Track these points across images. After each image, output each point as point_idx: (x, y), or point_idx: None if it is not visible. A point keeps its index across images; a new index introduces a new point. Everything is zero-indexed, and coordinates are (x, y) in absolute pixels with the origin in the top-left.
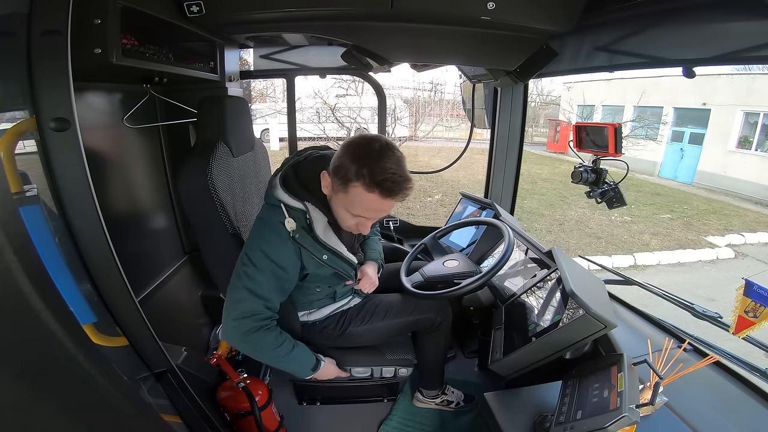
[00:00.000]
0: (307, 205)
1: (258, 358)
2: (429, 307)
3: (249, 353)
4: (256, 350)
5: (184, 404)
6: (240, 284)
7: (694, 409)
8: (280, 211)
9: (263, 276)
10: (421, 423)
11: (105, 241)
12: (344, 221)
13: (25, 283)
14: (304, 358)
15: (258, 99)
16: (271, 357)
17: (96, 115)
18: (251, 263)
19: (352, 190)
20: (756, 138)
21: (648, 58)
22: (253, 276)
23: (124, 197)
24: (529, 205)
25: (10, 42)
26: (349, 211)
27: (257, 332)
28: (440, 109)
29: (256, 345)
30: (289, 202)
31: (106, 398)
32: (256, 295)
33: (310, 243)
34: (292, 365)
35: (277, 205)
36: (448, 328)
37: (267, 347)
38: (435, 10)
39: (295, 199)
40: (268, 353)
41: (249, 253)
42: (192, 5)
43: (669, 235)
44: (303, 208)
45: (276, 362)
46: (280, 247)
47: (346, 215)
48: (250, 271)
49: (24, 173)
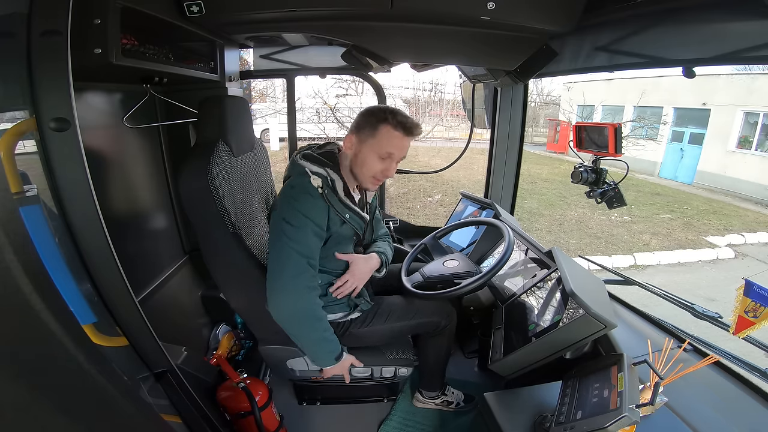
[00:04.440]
0: (328, 171)
1: (297, 329)
2: (433, 310)
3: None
4: (303, 320)
5: (184, 404)
6: (282, 245)
7: (694, 409)
8: (306, 175)
9: (303, 234)
10: (421, 423)
11: (105, 241)
12: (372, 168)
13: (25, 283)
14: (334, 342)
15: (258, 99)
16: (315, 329)
17: (96, 115)
18: (289, 224)
19: (382, 130)
20: (756, 138)
21: (648, 58)
22: (294, 236)
23: (124, 197)
24: (529, 205)
25: (10, 42)
26: (378, 153)
27: (311, 295)
28: (440, 109)
29: (306, 314)
30: (313, 168)
31: (106, 398)
32: (301, 254)
33: (336, 202)
34: (324, 345)
35: (303, 172)
36: (452, 331)
37: (313, 318)
38: (435, 10)
39: (317, 166)
40: (310, 326)
41: (285, 216)
42: (192, 5)
43: (669, 235)
44: (324, 174)
45: (316, 336)
46: (313, 205)
47: (374, 161)
48: (290, 232)
49: (24, 173)
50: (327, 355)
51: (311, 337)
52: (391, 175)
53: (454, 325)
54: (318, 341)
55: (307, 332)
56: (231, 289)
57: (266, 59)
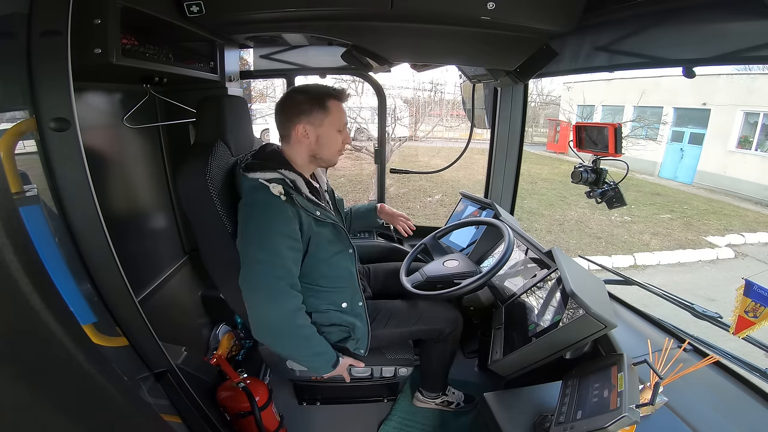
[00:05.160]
0: (284, 173)
1: (292, 349)
2: (437, 318)
3: (284, 345)
4: (292, 338)
5: (184, 404)
6: (255, 273)
7: (694, 409)
8: (260, 186)
9: (275, 254)
10: (421, 423)
11: (105, 241)
12: (336, 143)
13: (25, 283)
14: (327, 353)
15: (258, 99)
16: (305, 347)
17: (96, 115)
18: (258, 247)
19: (332, 106)
20: (756, 138)
21: (648, 58)
22: (266, 259)
23: (124, 197)
24: (529, 205)
25: (10, 42)
26: (337, 127)
27: (294, 314)
28: (440, 109)
29: (293, 330)
30: (265, 176)
31: (106, 398)
32: (277, 277)
33: (305, 202)
34: (317, 359)
35: (257, 185)
36: (457, 337)
37: (302, 332)
38: (435, 10)
39: (268, 171)
40: (302, 343)
41: (252, 240)
42: (192, 5)
43: (669, 235)
44: (281, 177)
45: (308, 353)
46: (281, 216)
47: (336, 136)
48: (261, 256)
49: (24, 173)
50: (323, 365)
51: (302, 354)
52: (350, 142)
53: (460, 331)
54: (311, 356)
55: (297, 351)
56: (230, 288)
57: (266, 59)
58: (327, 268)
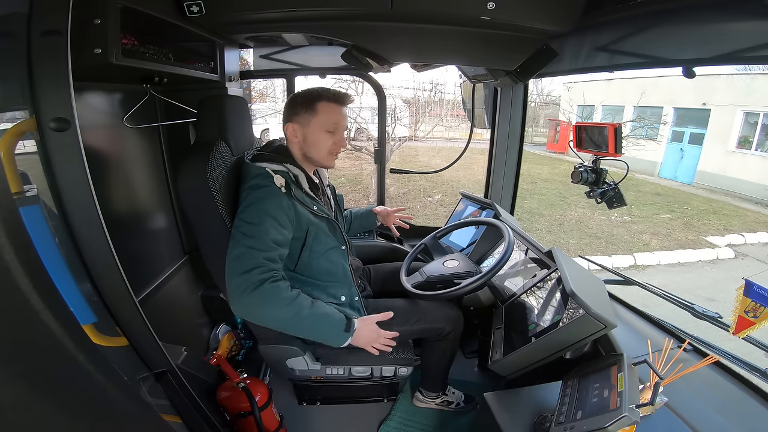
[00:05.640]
0: (289, 167)
1: (276, 320)
2: (438, 316)
3: (264, 317)
4: (271, 308)
5: (184, 404)
6: (236, 243)
7: (694, 409)
8: (267, 174)
9: (259, 229)
10: (421, 423)
11: (105, 241)
12: (325, 144)
13: (25, 283)
14: (331, 317)
15: (258, 99)
16: (292, 316)
17: (96, 115)
18: (247, 222)
19: (320, 107)
20: (756, 138)
21: (648, 58)
22: (250, 232)
23: (124, 197)
24: (529, 205)
25: (10, 42)
26: (325, 128)
27: (265, 284)
28: (440, 109)
29: (270, 300)
30: (271, 166)
31: (106, 398)
32: (255, 248)
33: (303, 196)
34: (319, 326)
35: (262, 173)
36: (458, 336)
37: (282, 301)
38: (435, 10)
39: (276, 164)
40: (285, 310)
41: (245, 217)
42: (192, 5)
43: (669, 235)
44: (285, 170)
45: (299, 323)
46: (278, 204)
47: (324, 137)
48: (246, 229)
49: (24, 173)
50: (333, 332)
51: (297, 323)
52: (345, 145)
53: (460, 330)
54: (308, 321)
55: (288, 322)
56: None
57: (266, 59)
58: (324, 262)
